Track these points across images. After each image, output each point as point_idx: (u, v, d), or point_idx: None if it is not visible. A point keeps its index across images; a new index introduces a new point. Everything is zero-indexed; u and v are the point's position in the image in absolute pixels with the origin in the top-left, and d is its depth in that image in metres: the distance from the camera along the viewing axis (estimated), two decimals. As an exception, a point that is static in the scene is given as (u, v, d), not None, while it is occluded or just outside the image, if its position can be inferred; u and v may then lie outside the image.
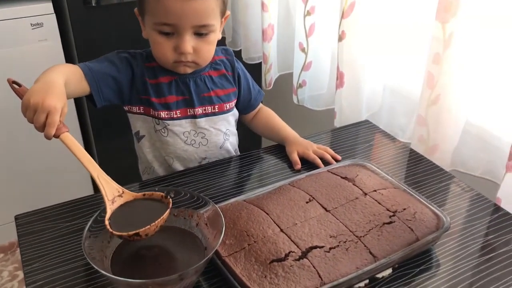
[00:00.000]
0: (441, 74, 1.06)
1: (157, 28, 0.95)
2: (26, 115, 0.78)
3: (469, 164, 1.15)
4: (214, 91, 1.07)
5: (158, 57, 1.00)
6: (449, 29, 1.01)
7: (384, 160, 1.11)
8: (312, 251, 0.77)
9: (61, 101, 0.78)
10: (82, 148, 0.79)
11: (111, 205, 0.76)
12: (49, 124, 0.76)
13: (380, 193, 0.91)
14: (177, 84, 1.04)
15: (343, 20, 1.19)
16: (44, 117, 0.76)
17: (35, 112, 0.76)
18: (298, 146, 1.10)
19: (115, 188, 0.78)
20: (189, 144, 1.07)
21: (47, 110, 0.76)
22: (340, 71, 1.27)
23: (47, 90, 0.79)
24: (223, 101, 1.08)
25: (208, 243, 0.78)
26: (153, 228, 0.72)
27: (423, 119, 1.13)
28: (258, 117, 1.19)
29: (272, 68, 1.64)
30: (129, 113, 1.08)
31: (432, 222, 0.85)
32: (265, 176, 1.05)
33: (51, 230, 0.89)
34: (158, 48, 0.97)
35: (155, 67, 1.03)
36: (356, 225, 0.83)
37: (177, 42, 0.95)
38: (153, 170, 1.10)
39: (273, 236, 0.80)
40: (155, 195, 0.79)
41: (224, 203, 0.88)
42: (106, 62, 0.99)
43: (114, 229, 0.72)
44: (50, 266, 0.81)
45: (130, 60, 1.02)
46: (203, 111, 1.06)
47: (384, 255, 0.78)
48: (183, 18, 0.92)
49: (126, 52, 1.03)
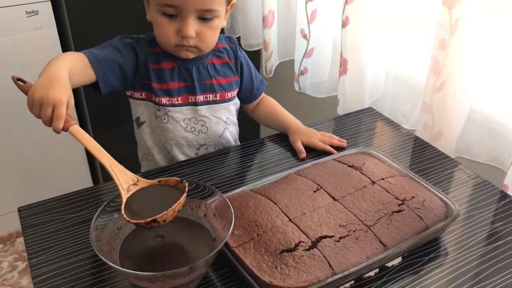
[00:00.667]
0: (447, 60, 1.05)
1: (161, 9, 0.93)
2: (32, 111, 0.77)
3: (473, 151, 1.14)
4: (216, 79, 1.05)
5: (160, 39, 0.99)
6: (455, 15, 0.99)
7: (388, 147, 1.11)
8: (322, 240, 0.76)
9: (66, 93, 0.77)
10: (92, 139, 0.77)
11: (126, 194, 0.75)
12: (56, 118, 0.75)
13: (388, 181, 0.90)
14: (179, 71, 1.02)
15: (347, 6, 1.18)
16: (51, 111, 0.75)
17: (41, 107, 0.75)
18: (302, 135, 1.09)
19: (129, 177, 0.77)
20: (188, 131, 1.06)
21: (53, 103, 0.75)
22: (343, 58, 1.25)
23: (51, 83, 0.77)
24: (225, 90, 1.07)
25: (217, 234, 0.77)
26: (170, 213, 0.71)
27: (428, 105, 1.12)
28: (260, 107, 1.18)
29: (272, 55, 1.62)
30: (131, 99, 1.07)
31: (441, 210, 0.84)
32: (269, 165, 1.04)
33: (55, 222, 0.88)
34: (161, 30, 0.96)
35: (158, 52, 1.01)
36: (365, 214, 0.82)
37: (180, 25, 0.94)
38: (152, 156, 1.09)
39: (282, 226, 0.79)
40: (170, 180, 0.78)
41: (230, 193, 0.87)
42: (111, 48, 0.98)
43: (131, 217, 0.71)
44: (56, 259, 0.81)
45: (134, 45, 1.00)
46: (205, 98, 1.05)
47: (394, 244, 0.78)
48: (188, 0, 0.91)
49: (129, 37, 1.02)
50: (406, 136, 1.16)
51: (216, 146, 1.10)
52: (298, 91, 1.56)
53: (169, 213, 0.71)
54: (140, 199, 0.75)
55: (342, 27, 1.21)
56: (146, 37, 1.03)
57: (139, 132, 1.09)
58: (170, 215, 0.71)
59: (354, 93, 1.30)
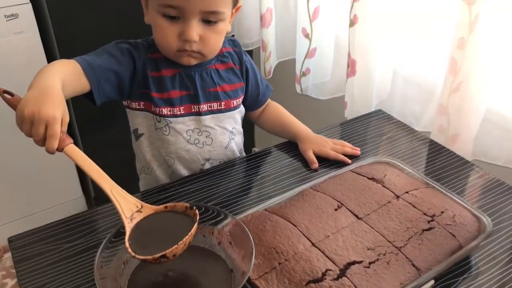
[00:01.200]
0: (465, 60, 0.99)
1: (161, 10, 0.85)
2: (22, 129, 0.68)
3: (491, 153, 1.09)
4: (220, 86, 0.97)
5: (160, 43, 0.90)
6: (475, 11, 0.93)
7: (403, 152, 1.04)
8: (350, 267, 0.70)
9: (60, 109, 0.68)
10: (91, 161, 0.70)
11: (130, 223, 0.67)
12: (50, 136, 0.67)
13: (413, 194, 0.83)
14: (181, 78, 0.94)
15: (355, 3, 1.10)
16: (43, 129, 0.67)
17: (32, 124, 0.67)
18: (312, 144, 1.01)
19: (133, 203, 0.70)
20: (192, 144, 0.98)
21: (45, 121, 0.66)
22: (351, 59, 1.18)
23: (42, 98, 0.68)
24: (230, 97, 0.99)
25: (234, 264, 0.70)
26: (181, 247, 0.64)
27: (444, 108, 1.06)
28: (266, 113, 1.10)
29: (271, 56, 1.54)
30: (128, 109, 0.98)
31: (473, 225, 0.78)
32: (279, 178, 0.97)
33: (51, 253, 0.80)
34: (161, 33, 0.88)
35: (158, 58, 0.93)
36: (394, 234, 0.75)
37: (182, 28, 0.86)
38: (152, 170, 1.01)
39: (305, 252, 0.72)
40: (178, 206, 0.71)
41: (243, 215, 0.80)
42: (106, 55, 0.89)
43: (136, 251, 0.63)
44: (55, 297, 0.72)
45: (132, 51, 0.92)
46: (209, 107, 0.97)
47: (428, 266, 0.72)
48: (191, 1, 0.83)
49: (126, 42, 0.93)
50: (420, 140, 1.09)
51: (221, 159, 1.02)
52: (300, 93, 1.48)
53: (180, 247, 0.64)
54: (146, 229, 0.68)
55: (350, 26, 1.14)
56: (144, 41, 0.95)
57: (137, 144, 1.01)
58: (180, 249, 0.64)
59: (363, 95, 1.23)
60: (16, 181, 1.72)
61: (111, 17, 1.57)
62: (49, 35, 1.59)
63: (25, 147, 1.63)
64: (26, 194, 1.75)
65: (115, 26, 1.57)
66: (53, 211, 1.82)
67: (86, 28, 1.55)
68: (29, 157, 1.67)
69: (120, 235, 0.69)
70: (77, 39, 1.55)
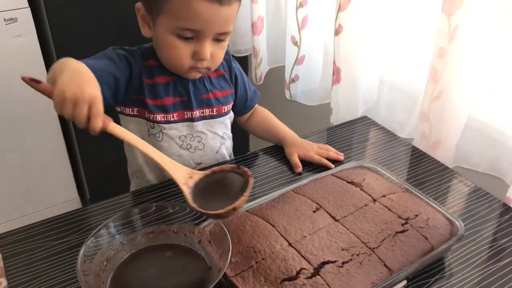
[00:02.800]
0: (445, 68, 1.01)
1: (178, 32, 0.87)
2: (63, 111, 0.69)
3: (472, 160, 1.12)
4: (212, 92, 1.01)
5: (171, 62, 0.92)
6: (454, 22, 0.96)
7: (385, 158, 1.07)
8: (324, 266, 0.72)
9: (98, 89, 0.71)
10: (135, 136, 0.74)
11: (186, 187, 0.72)
12: (94, 116, 0.68)
13: (389, 198, 0.86)
14: (174, 85, 0.97)
15: (340, 13, 1.14)
16: (87, 109, 0.68)
17: (75, 106, 0.68)
18: (298, 148, 1.04)
19: (185, 170, 0.74)
20: (184, 149, 1.01)
21: (88, 101, 0.68)
22: (336, 66, 1.21)
23: (81, 79, 0.70)
24: (222, 103, 1.02)
25: (212, 262, 0.72)
26: (244, 199, 0.70)
27: (426, 114, 1.09)
28: (253, 118, 1.13)
29: (262, 62, 1.57)
30: (121, 114, 1.00)
31: (445, 228, 0.81)
32: (264, 181, 1.00)
33: (40, 250, 0.83)
34: (174, 52, 0.90)
35: (152, 66, 0.95)
36: (368, 236, 0.78)
37: (196, 47, 0.88)
38: (144, 174, 1.04)
39: (282, 251, 0.75)
40: (225, 168, 0.75)
41: (225, 215, 0.82)
42: (105, 60, 0.91)
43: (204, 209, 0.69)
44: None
45: (129, 57, 0.94)
46: (201, 113, 1.00)
47: (400, 267, 0.74)
48: (210, 25, 0.86)
49: (122, 48, 0.95)
50: (403, 146, 1.12)
51: (212, 163, 1.05)
52: (289, 99, 1.51)
53: (244, 199, 0.70)
54: (204, 190, 0.73)
55: (335, 35, 1.18)
56: (138, 49, 0.97)
57: (130, 149, 1.03)
58: (244, 201, 0.70)
59: (348, 102, 1.26)
60: (11, 182, 1.74)
61: (109, 22, 1.60)
62: (47, 39, 1.62)
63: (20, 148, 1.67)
64: (20, 195, 1.77)
65: (113, 31, 1.60)
66: (48, 212, 1.83)
67: (84, 33, 1.58)
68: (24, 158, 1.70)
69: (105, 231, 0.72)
70: (74, 43, 1.57)
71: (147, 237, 0.77)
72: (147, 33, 0.94)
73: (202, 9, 0.84)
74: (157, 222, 0.77)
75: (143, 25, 0.93)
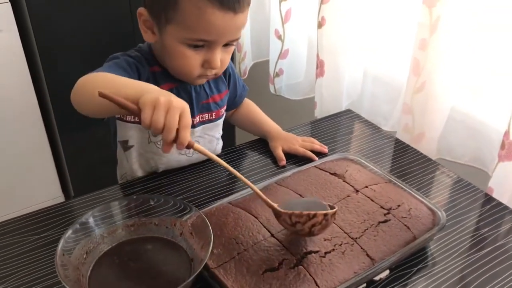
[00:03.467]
0: (427, 60, 1.02)
1: (189, 42, 0.84)
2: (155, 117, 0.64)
3: (455, 152, 1.12)
4: (212, 97, 0.99)
5: (181, 70, 0.89)
6: (435, 14, 0.96)
7: (369, 150, 1.07)
8: (306, 257, 0.72)
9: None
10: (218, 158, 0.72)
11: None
12: (185, 126, 0.65)
13: (372, 189, 0.86)
14: (178, 92, 0.93)
15: (323, 6, 1.14)
16: (178, 117, 0.65)
17: (167, 112, 0.64)
18: (282, 141, 1.04)
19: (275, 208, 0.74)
20: (183, 154, 1.00)
21: (181, 109, 0.65)
22: (320, 59, 1.21)
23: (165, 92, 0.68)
24: (220, 107, 1.01)
25: (194, 254, 0.72)
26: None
27: (409, 107, 1.09)
28: (239, 111, 1.12)
29: (246, 57, 1.57)
30: (119, 121, 0.96)
31: (428, 218, 0.81)
32: (248, 173, 0.99)
33: (18, 244, 0.81)
34: (185, 61, 0.86)
35: (157, 72, 0.92)
36: (351, 226, 0.78)
37: (207, 56, 0.86)
38: None
39: (264, 242, 0.74)
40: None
41: (208, 208, 0.82)
42: (120, 70, 0.86)
43: None
44: (19, 287, 0.74)
45: (138, 66, 0.90)
46: (200, 119, 0.99)
47: (382, 257, 0.74)
48: (223, 35, 0.83)
49: (129, 55, 0.91)
50: (386, 139, 1.12)
51: None
52: (274, 93, 1.51)
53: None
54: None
55: (318, 28, 1.17)
56: (140, 53, 0.93)
57: (125, 154, 1.00)
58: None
59: (332, 95, 1.26)
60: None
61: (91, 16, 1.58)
62: (28, 34, 1.60)
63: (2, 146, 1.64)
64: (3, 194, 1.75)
65: (94, 25, 1.58)
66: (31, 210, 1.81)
67: (66, 28, 1.56)
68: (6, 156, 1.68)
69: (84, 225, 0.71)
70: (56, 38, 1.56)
71: (127, 230, 0.76)
72: (150, 38, 0.90)
73: (217, 20, 0.80)
74: (138, 215, 0.77)
75: (145, 30, 0.89)
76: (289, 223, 0.71)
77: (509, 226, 0.87)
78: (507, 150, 0.91)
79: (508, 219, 0.89)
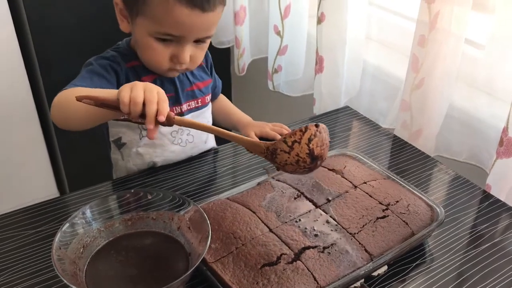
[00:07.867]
0: (426, 57, 1.02)
1: (157, 35, 0.85)
2: (133, 95, 0.67)
3: (453, 149, 1.12)
4: (195, 84, 1.00)
5: (150, 63, 0.91)
6: (434, 10, 0.96)
7: (367, 147, 1.07)
8: (305, 252, 0.72)
9: None
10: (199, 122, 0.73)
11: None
12: (163, 101, 0.68)
13: (370, 185, 0.86)
14: (161, 82, 0.94)
15: (323, 1, 1.13)
16: (156, 94, 0.68)
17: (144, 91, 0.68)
18: (253, 127, 1.06)
19: (263, 147, 0.72)
20: (176, 144, 1.00)
21: (156, 89, 0.69)
22: (319, 56, 1.21)
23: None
24: (204, 94, 1.02)
25: (192, 248, 0.71)
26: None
27: (407, 104, 1.09)
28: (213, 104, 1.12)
29: (245, 53, 1.56)
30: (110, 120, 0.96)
31: (426, 214, 0.81)
32: (247, 169, 0.99)
33: (14, 238, 0.81)
34: (153, 54, 0.88)
35: (136, 66, 0.93)
36: (349, 221, 0.78)
37: (176, 51, 0.86)
38: None
39: (262, 237, 0.74)
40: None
41: (205, 203, 0.82)
42: (95, 77, 0.87)
43: None
44: (15, 281, 0.73)
45: (113, 65, 0.91)
46: (188, 107, 0.99)
47: (380, 253, 0.74)
48: (191, 31, 0.84)
49: (104, 57, 0.92)
50: (384, 136, 1.12)
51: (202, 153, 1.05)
52: (272, 90, 1.51)
53: None
54: None
55: (318, 24, 1.17)
56: (116, 52, 0.93)
57: (120, 152, 1.00)
58: None
59: (331, 91, 1.26)
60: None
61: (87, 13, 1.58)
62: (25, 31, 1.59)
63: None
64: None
65: (91, 22, 1.57)
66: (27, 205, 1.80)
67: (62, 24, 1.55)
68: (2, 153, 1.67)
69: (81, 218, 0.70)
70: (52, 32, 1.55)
71: (125, 224, 0.75)
72: (126, 28, 0.91)
73: (184, 17, 0.81)
74: (136, 209, 0.76)
75: (121, 19, 0.91)
76: (287, 150, 0.69)
77: (507, 223, 0.87)
78: (505, 147, 0.91)
79: (506, 216, 0.89)
